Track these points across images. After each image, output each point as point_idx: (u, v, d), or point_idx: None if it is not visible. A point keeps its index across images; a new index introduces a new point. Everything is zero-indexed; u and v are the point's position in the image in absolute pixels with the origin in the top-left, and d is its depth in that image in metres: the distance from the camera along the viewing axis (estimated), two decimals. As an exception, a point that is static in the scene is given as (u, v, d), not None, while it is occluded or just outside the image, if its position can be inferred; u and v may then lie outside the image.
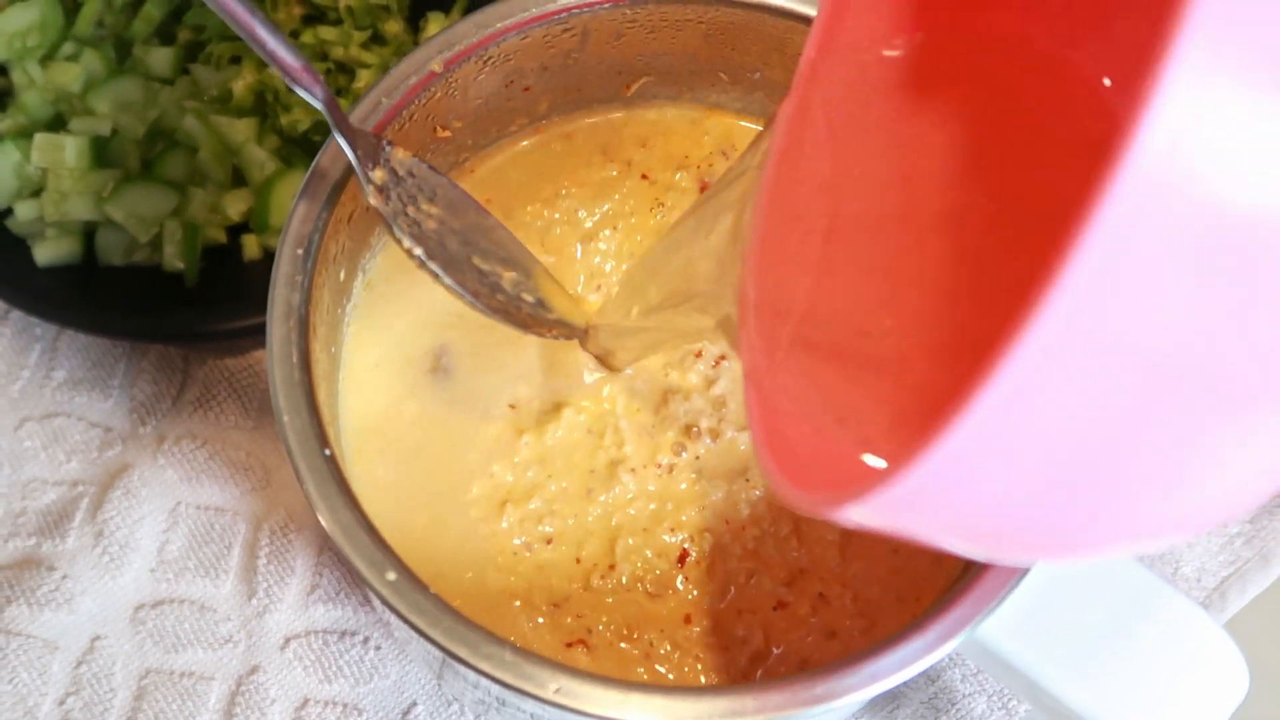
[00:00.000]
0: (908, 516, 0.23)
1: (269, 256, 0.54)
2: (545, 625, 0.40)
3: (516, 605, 0.40)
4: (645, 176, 0.46)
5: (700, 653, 0.40)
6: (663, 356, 0.43)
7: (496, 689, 0.34)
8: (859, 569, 0.41)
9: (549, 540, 0.41)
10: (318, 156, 0.39)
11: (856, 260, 0.32)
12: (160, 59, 0.55)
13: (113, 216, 0.53)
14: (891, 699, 0.49)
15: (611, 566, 0.41)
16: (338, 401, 0.42)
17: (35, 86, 0.54)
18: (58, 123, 0.55)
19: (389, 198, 0.37)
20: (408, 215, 0.38)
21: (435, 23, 0.56)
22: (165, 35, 0.56)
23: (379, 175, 0.37)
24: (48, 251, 0.53)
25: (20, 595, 0.49)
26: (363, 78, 0.55)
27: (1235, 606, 0.52)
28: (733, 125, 0.47)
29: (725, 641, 0.40)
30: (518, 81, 0.44)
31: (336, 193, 0.39)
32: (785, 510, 0.41)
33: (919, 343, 0.30)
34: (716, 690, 0.33)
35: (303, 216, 0.38)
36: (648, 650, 0.40)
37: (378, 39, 0.56)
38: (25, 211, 0.53)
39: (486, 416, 0.42)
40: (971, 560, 0.34)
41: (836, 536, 0.41)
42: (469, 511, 0.41)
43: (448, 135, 0.44)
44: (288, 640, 0.49)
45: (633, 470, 0.42)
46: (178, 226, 0.53)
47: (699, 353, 0.43)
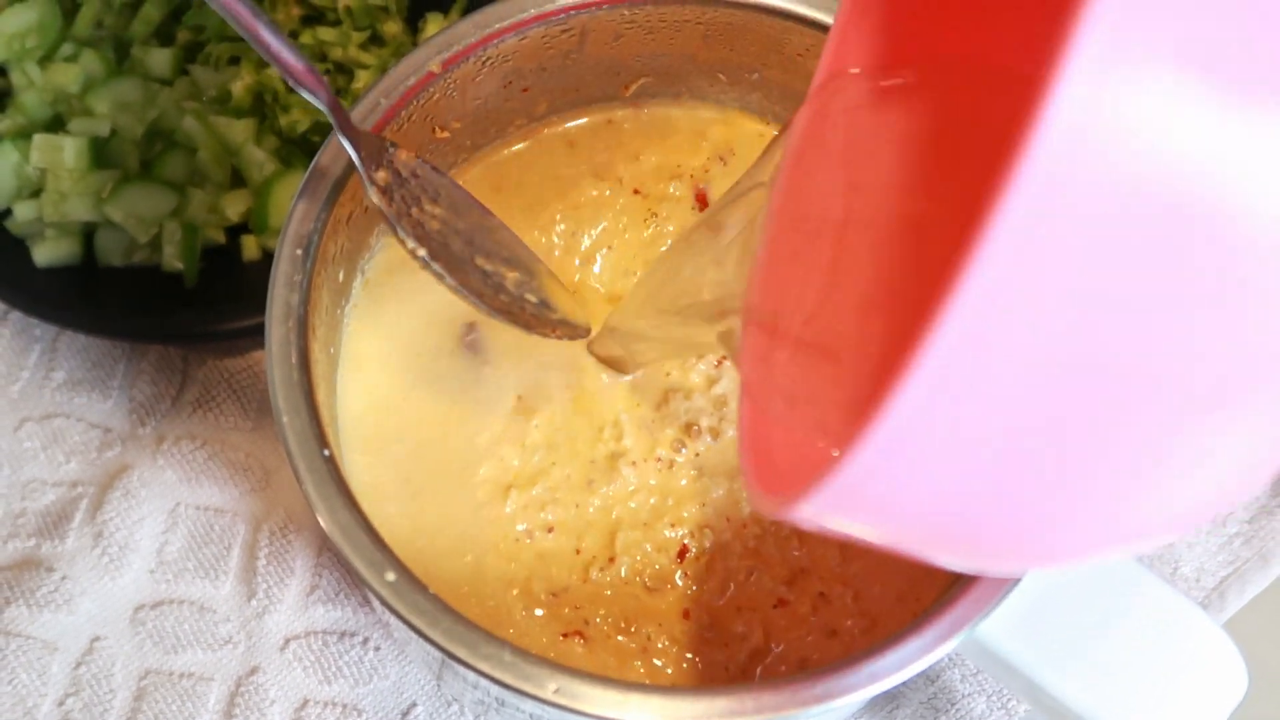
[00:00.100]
0: (861, 513, 0.23)
1: (268, 257, 0.54)
2: (542, 614, 0.40)
3: (514, 593, 0.40)
4: (638, 191, 0.46)
5: (698, 648, 0.40)
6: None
7: (496, 689, 0.34)
8: (860, 568, 0.41)
9: (550, 529, 0.41)
10: (317, 157, 0.39)
11: (855, 271, 0.32)
12: (159, 60, 0.55)
13: (112, 217, 0.53)
14: (891, 699, 0.49)
15: (611, 559, 0.41)
16: (337, 402, 0.42)
17: (34, 87, 0.54)
18: (57, 123, 0.55)
19: (392, 199, 0.37)
20: (411, 216, 0.38)
21: (434, 23, 0.56)
22: (164, 36, 0.56)
23: (382, 176, 0.37)
24: (47, 252, 0.53)
25: (20, 596, 0.49)
26: (361, 78, 0.55)
27: (1234, 606, 0.52)
28: (731, 130, 0.47)
29: (724, 638, 0.40)
30: (516, 82, 0.44)
31: (335, 193, 0.39)
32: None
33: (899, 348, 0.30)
34: (716, 690, 0.33)
35: (302, 217, 0.38)
36: (645, 644, 0.40)
37: (376, 40, 0.56)
38: (24, 212, 0.53)
39: (490, 409, 0.42)
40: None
41: (838, 535, 0.41)
42: (476, 494, 0.41)
43: (446, 136, 0.44)
44: (287, 641, 0.49)
45: (633, 464, 0.42)
46: (177, 227, 0.53)
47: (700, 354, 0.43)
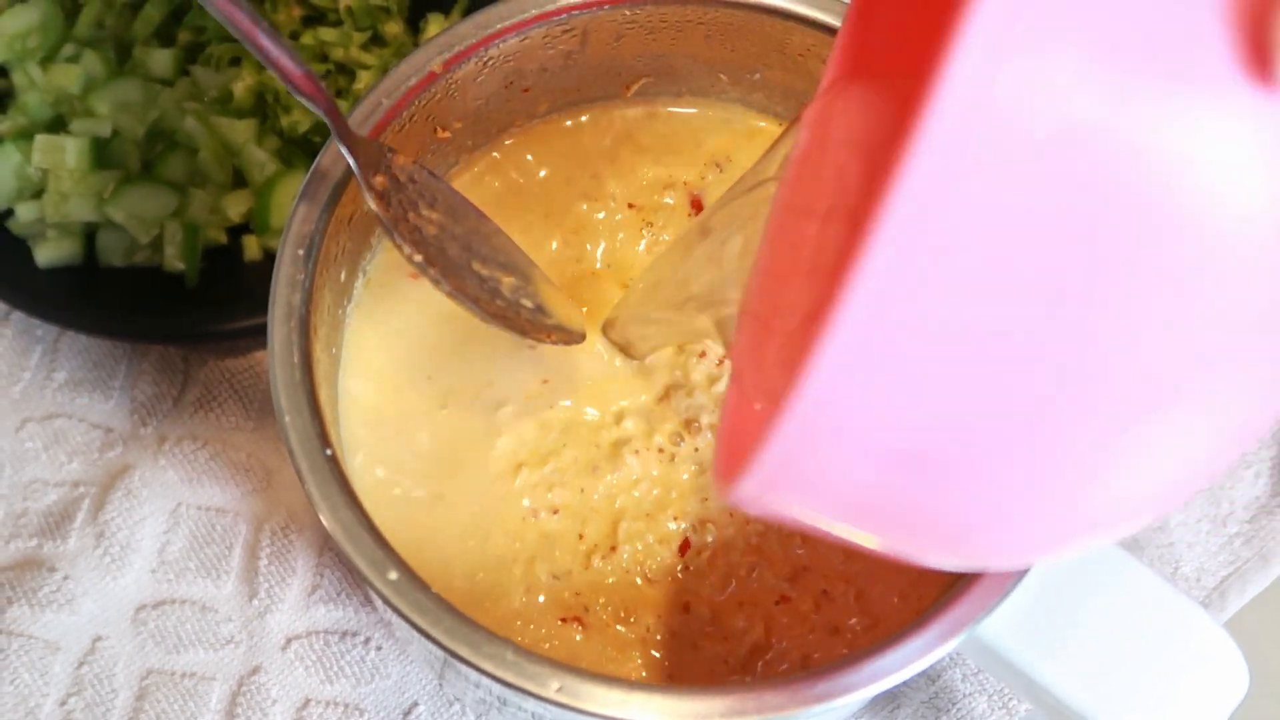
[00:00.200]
0: (799, 491, 0.23)
1: (270, 257, 0.54)
2: (544, 600, 0.40)
3: (517, 572, 0.40)
4: (632, 205, 0.46)
5: (698, 641, 0.40)
6: (668, 352, 0.43)
7: (498, 688, 0.34)
8: (863, 567, 0.41)
9: (555, 510, 0.41)
10: (318, 158, 0.39)
11: (828, 266, 0.32)
12: (160, 60, 0.55)
13: (113, 217, 0.53)
14: (891, 698, 0.49)
15: (613, 548, 0.41)
16: (339, 401, 0.42)
17: (35, 88, 0.54)
18: (58, 124, 0.55)
19: (390, 204, 0.37)
20: (408, 221, 0.38)
21: (435, 24, 0.56)
22: (165, 37, 0.56)
23: (380, 181, 0.37)
24: (48, 253, 0.53)
25: (21, 596, 0.49)
26: (363, 79, 0.55)
27: (1235, 606, 0.52)
28: (730, 135, 0.47)
29: (725, 632, 0.40)
30: (517, 82, 0.44)
31: (337, 194, 0.39)
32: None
33: None
34: (717, 690, 0.34)
35: (303, 217, 0.38)
36: (644, 635, 0.40)
37: (377, 40, 0.56)
38: (26, 213, 0.53)
39: (493, 404, 0.42)
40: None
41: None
42: (489, 469, 0.41)
43: (447, 136, 0.44)
44: (289, 640, 0.49)
45: (636, 452, 0.42)
46: (178, 227, 0.53)
47: (703, 353, 0.43)
